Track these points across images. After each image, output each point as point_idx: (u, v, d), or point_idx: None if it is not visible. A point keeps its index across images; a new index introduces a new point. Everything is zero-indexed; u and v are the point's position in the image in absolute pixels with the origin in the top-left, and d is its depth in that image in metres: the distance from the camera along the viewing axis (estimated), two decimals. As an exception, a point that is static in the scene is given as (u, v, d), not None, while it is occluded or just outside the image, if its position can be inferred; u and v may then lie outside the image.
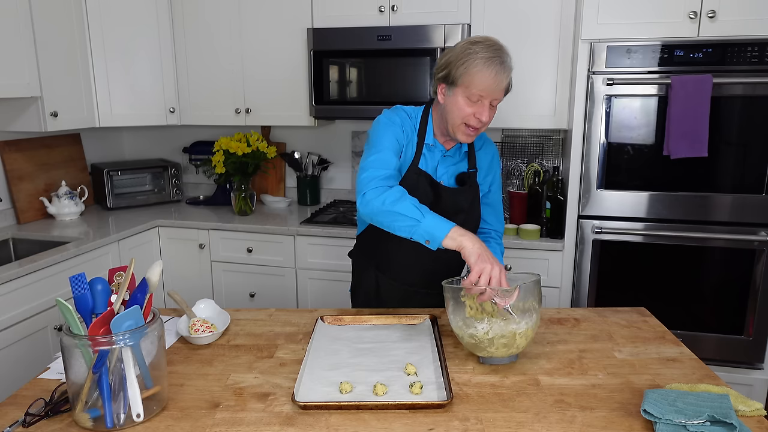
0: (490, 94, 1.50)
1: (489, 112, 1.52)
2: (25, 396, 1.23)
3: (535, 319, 1.33)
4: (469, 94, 1.50)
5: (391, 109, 1.68)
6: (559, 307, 2.57)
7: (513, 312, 1.32)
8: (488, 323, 1.32)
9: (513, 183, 2.97)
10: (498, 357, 1.34)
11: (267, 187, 3.40)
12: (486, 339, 1.31)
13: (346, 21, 2.75)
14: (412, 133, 1.64)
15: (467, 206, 1.68)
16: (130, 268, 1.19)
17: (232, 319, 1.62)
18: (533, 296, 1.35)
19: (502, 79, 1.49)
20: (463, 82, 1.50)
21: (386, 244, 1.71)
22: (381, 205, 1.44)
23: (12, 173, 2.82)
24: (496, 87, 1.49)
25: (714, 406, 1.08)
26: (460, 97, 1.52)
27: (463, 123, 1.54)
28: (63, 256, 2.36)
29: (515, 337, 1.30)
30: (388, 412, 1.16)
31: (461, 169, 1.70)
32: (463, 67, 1.49)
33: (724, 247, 2.35)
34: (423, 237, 1.40)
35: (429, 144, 1.65)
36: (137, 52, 2.97)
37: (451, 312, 1.38)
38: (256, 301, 2.90)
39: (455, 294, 1.38)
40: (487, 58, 1.47)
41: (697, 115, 2.21)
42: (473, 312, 1.36)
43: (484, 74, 1.47)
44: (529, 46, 2.60)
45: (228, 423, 1.13)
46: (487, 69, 1.47)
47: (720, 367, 2.42)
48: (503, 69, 1.49)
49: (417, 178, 1.62)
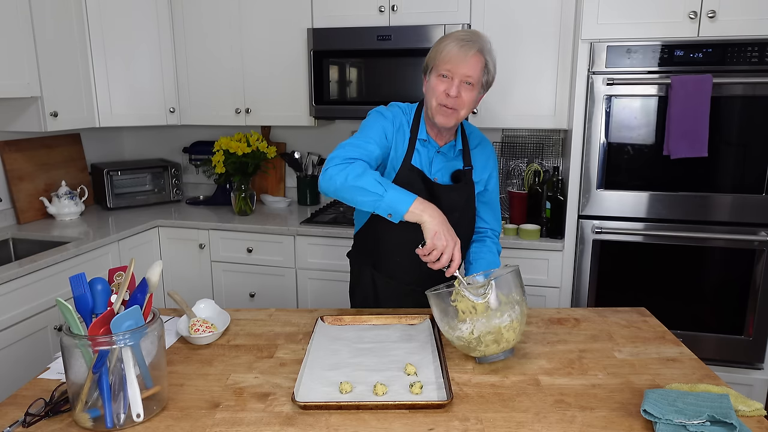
0: (456, 67, 1.51)
1: (458, 89, 1.53)
2: (25, 396, 1.23)
3: (519, 311, 1.32)
4: (438, 71, 1.55)
5: (383, 107, 1.69)
6: (559, 307, 2.57)
7: (463, 280, 1.35)
8: (470, 322, 1.30)
9: (513, 183, 2.97)
10: (492, 354, 1.33)
11: (267, 187, 3.40)
12: (473, 339, 1.30)
13: (346, 21, 2.76)
14: (406, 128, 1.65)
15: (462, 204, 1.67)
16: (130, 268, 1.19)
17: (232, 319, 1.62)
18: (515, 288, 1.34)
19: (467, 51, 1.51)
20: (434, 63, 1.56)
21: (382, 242, 1.71)
22: (344, 180, 1.45)
23: (12, 173, 2.82)
24: (461, 58, 1.51)
25: (714, 406, 1.08)
26: (433, 77, 1.57)
27: (438, 104, 1.56)
28: (63, 256, 2.36)
29: (501, 331, 1.30)
30: (388, 412, 1.16)
31: (456, 166, 1.70)
32: (434, 49, 1.58)
33: (724, 247, 2.35)
34: (385, 211, 1.42)
35: (422, 139, 1.65)
36: (137, 52, 2.97)
37: (438, 318, 1.38)
38: (256, 301, 2.90)
39: (438, 300, 1.37)
40: (455, 36, 1.54)
41: (697, 115, 2.21)
42: (465, 315, 1.33)
43: (449, 47, 1.52)
44: (529, 46, 2.60)
45: (228, 423, 1.13)
46: (452, 43, 1.52)
47: (720, 367, 2.42)
48: (471, 46, 1.51)
49: (410, 174, 1.63)
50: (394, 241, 1.68)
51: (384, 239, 1.71)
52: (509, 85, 2.65)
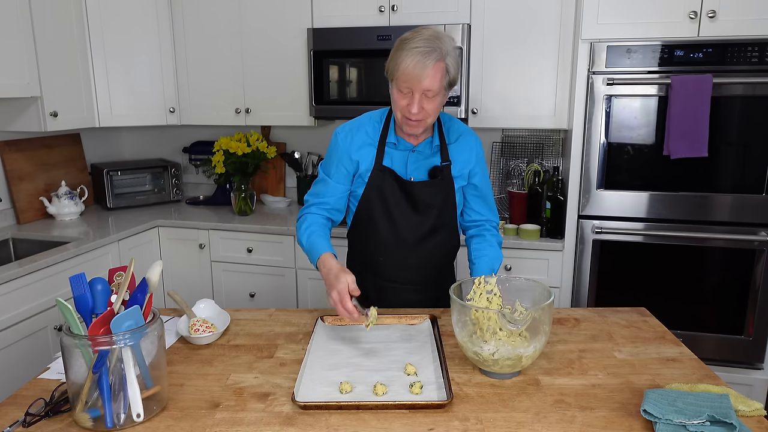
0: (414, 84, 1.47)
1: (421, 104, 1.49)
2: (25, 396, 1.23)
3: (544, 342, 1.28)
4: (399, 85, 1.51)
5: (352, 120, 1.71)
6: (559, 307, 2.56)
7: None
8: (495, 345, 1.26)
9: (513, 183, 2.97)
10: (500, 373, 1.30)
11: (267, 187, 3.40)
12: (491, 358, 1.26)
13: (346, 21, 2.75)
14: (373, 135, 1.66)
15: (440, 201, 1.66)
16: (130, 268, 1.19)
17: (232, 319, 1.62)
18: (546, 319, 1.27)
19: (423, 67, 1.44)
20: (394, 75, 1.51)
21: (367, 241, 1.72)
22: (300, 242, 1.66)
23: (12, 173, 2.82)
24: (418, 76, 1.45)
25: (714, 406, 1.08)
26: (394, 89, 1.53)
27: (402, 116, 1.54)
28: (63, 256, 2.36)
29: (521, 359, 1.26)
30: (388, 412, 1.16)
31: (434, 163, 1.67)
32: (393, 60, 1.50)
33: (724, 247, 2.35)
34: None
35: (391, 142, 1.65)
36: (137, 52, 2.97)
37: (456, 323, 1.32)
38: (256, 301, 2.90)
39: (461, 308, 1.31)
40: (412, 48, 1.45)
41: (697, 115, 2.21)
42: (482, 333, 1.30)
43: (405, 63, 1.45)
44: (529, 46, 2.60)
45: (228, 423, 1.13)
46: (409, 58, 1.45)
47: (720, 367, 2.42)
48: (425, 58, 1.43)
49: (382, 175, 1.63)
50: (376, 241, 1.69)
51: (367, 239, 1.72)
52: (509, 85, 2.65)
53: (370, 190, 1.65)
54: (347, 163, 1.66)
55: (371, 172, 1.64)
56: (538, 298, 1.35)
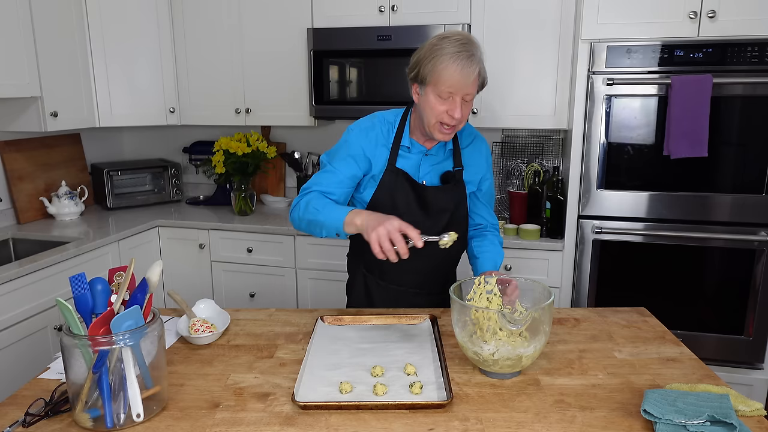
0: (459, 89, 1.46)
1: (462, 109, 1.49)
2: (25, 396, 1.23)
3: (544, 342, 1.28)
4: (439, 91, 1.48)
5: (364, 119, 1.67)
6: (559, 307, 2.56)
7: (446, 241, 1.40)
8: (495, 345, 1.26)
9: (513, 183, 2.97)
10: (500, 373, 1.30)
11: (267, 187, 3.40)
12: (491, 358, 1.26)
13: (346, 21, 2.75)
14: (388, 136, 1.63)
15: (452, 205, 1.65)
16: (130, 268, 1.19)
17: (232, 319, 1.62)
18: (546, 319, 1.27)
19: (470, 73, 1.44)
20: (431, 80, 1.47)
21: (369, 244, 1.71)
22: (299, 221, 1.57)
23: (12, 173, 2.82)
24: (464, 82, 1.45)
25: (714, 406, 1.08)
26: (431, 95, 1.50)
27: (438, 122, 1.52)
28: (63, 256, 2.36)
29: (521, 359, 1.26)
30: (388, 412, 1.16)
31: (446, 167, 1.67)
32: (430, 64, 1.46)
33: (724, 247, 2.35)
34: (332, 232, 1.49)
35: (405, 146, 1.63)
36: (137, 52, 2.97)
37: (456, 323, 1.32)
38: (256, 301, 2.90)
39: (461, 308, 1.31)
40: (453, 53, 1.44)
41: (697, 115, 2.21)
42: (482, 333, 1.30)
43: (450, 70, 1.44)
44: (529, 46, 2.60)
45: (228, 423, 1.13)
46: (454, 64, 1.43)
47: (720, 367, 2.42)
48: (470, 63, 1.44)
49: (395, 177, 1.61)
50: None
51: None
52: (509, 85, 2.65)
53: (381, 191, 1.63)
54: (360, 159, 1.61)
55: (384, 174, 1.61)
56: (538, 298, 1.36)
